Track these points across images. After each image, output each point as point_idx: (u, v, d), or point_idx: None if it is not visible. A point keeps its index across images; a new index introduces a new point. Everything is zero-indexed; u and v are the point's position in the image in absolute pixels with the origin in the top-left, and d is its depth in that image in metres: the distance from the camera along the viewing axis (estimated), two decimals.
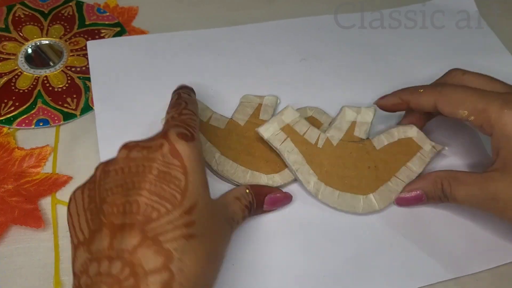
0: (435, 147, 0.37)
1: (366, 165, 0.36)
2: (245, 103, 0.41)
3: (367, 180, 0.36)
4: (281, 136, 0.36)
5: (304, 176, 0.36)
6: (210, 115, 0.39)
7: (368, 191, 0.36)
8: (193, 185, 0.26)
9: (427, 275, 0.34)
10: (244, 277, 0.33)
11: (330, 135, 0.37)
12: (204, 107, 0.40)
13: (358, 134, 0.37)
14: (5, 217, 0.34)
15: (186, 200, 0.25)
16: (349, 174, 0.36)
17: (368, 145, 0.37)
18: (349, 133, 0.37)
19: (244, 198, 0.33)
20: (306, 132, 0.36)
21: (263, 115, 0.40)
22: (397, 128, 0.38)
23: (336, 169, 0.36)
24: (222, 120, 0.39)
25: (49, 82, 0.42)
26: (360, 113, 0.38)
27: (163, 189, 0.25)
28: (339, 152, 0.36)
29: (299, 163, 0.36)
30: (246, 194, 0.33)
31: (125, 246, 0.24)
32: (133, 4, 0.49)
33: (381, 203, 0.36)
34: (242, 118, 0.39)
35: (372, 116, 0.38)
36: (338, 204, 0.35)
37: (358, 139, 0.37)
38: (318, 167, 0.36)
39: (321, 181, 0.36)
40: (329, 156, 0.36)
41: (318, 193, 0.35)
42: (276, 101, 0.41)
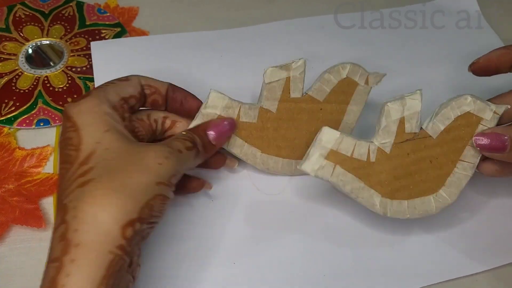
0: (497, 111, 0.33)
1: (428, 160, 0.33)
2: (272, 83, 0.35)
3: (432, 177, 0.33)
4: (329, 166, 0.31)
5: (367, 201, 0.32)
6: (238, 109, 0.34)
7: (436, 188, 0.33)
8: (88, 135, 0.28)
9: (427, 275, 0.34)
10: (245, 276, 0.33)
11: (381, 143, 0.32)
12: (229, 101, 0.34)
13: (410, 129, 0.32)
14: (6, 217, 0.34)
15: (81, 153, 0.27)
16: (413, 179, 0.33)
17: (424, 138, 0.33)
18: (400, 133, 0.32)
19: (181, 136, 0.31)
20: (354, 151, 0.32)
21: (293, 92, 0.35)
22: (451, 105, 0.33)
23: (398, 180, 0.32)
24: (252, 111, 0.35)
25: (50, 82, 0.42)
26: (405, 105, 0.32)
27: (62, 154, 0.28)
28: (396, 159, 0.32)
29: (357, 188, 0.32)
30: (183, 134, 0.31)
31: None
32: (133, 5, 0.50)
33: (453, 195, 0.33)
34: (272, 103, 0.35)
35: (420, 103, 0.32)
36: (410, 213, 0.32)
37: (412, 135, 0.33)
38: (379, 185, 0.32)
39: (386, 197, 0.32)
40: (387, 168, 0.32)
41: (386, 212, 0.32)
42: (304, 66, 0.35)
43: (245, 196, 0.37)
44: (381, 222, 0.36)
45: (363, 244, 0.35)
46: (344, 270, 0.34)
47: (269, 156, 0.36)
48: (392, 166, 0.32)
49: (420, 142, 0.33)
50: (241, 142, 0.35)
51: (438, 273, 0.34)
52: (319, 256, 0.34)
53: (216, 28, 0.48)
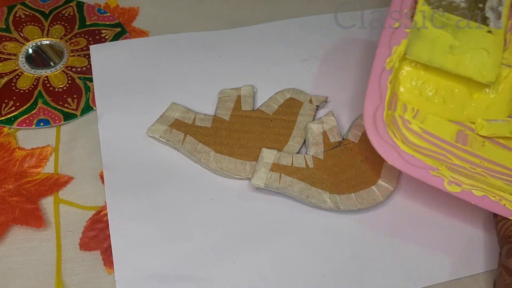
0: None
1: (358, 159, 0.38)
2: (224, 98, 0.41)
3: (367, 171, 0.37)
4: (275, 176, 0.36)
5: (316, 198, 0.36)
6: (194, 116, 0.40)
7: (374, 179, 0.37)
8: None
9: (427, 275, 0.34)
10: (245, 276, 0.33)
11: (314, 153, 0.38)
12: (185, 110, 0.40)
13: (333, 139, 0.39)
14: (6, 217, 0.34)
15: None
16: (351, 174, 0.37)
17: (348, 143, 0.39)
18: (327, 143, 0.38)
19: None
20: (293, 161, 0.37)
21: (244, 106, 0.41)
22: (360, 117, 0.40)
23: (338, 177, 0.37)
24: (207, 118, 0.40)
25: (50, 82, 0.42)
26: (323, 122, 0.39)
27: None
28: (331, 161, 0.38)
29: (304, 189, 0.36)
30: None
31: None
32: (133, 5, 0.50)
33: (392, 183, 0.37)
34: (225, 113, 0.40)
35: (335, 119, 0.40)
36: (360, 204, 0.36)
37: (337, 143, 0.38)
38: (323, 184, 0.36)
39: (334, 193, 0.36)
40: (325, 169, 0.37)
41: (338, 205, 0.36)
42: (252, 90, 0.42)
43: (245, 196, 0.37)
44: (381, 222, 0.36)
45: (363, 244, 0.35)
46: (344, 270, 0.34)
47: (223, 156, 0.38)
48: (329, 167, 0.37)
49: (346, 147, 0.38)
50: (196, 142, 0.38)
51: (438, 273, 0.34)
52: (319, 256, 0.34)
53: (216, 28, 0.48)
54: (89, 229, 0.35)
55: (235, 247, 0.34)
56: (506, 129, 0.36)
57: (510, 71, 0.37)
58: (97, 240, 0.34)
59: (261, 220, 0.36)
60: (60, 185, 0.36)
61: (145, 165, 0.38)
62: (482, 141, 0.36)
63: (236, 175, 0.37)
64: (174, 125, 0.39)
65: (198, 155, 0.38)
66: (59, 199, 0.36)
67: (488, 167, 0.35)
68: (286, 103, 0.41)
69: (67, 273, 0.33)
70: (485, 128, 0.36)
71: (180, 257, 0.34)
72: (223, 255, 0.34)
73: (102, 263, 0.33)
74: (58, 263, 0.33)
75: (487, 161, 0.36)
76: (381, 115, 0.33)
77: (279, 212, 0.36)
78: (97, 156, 0.38)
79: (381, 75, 0.34)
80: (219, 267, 0.33)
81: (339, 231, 0.35)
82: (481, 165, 0.35)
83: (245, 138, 0.39)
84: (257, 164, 0.37)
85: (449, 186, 0.31)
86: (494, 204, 0.31)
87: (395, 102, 0.36)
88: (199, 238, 0.34)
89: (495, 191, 0.32)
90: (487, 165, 0.35)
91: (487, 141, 0.36)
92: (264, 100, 0.42)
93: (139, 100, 0.41)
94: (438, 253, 0.35)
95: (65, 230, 0.35)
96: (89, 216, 0.35)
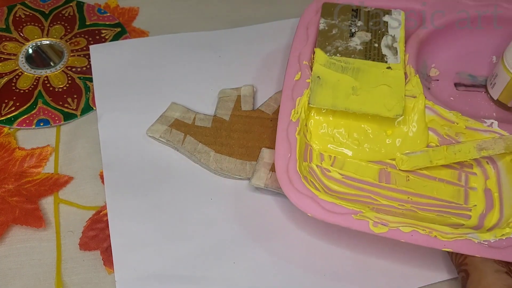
0: None
1: None
2: (224, 98, 0.41)
3: None
4: (275, 176, 0.36)
5: None
6: (194, 116, 0.40)
7: None
8: None
9: (427, 275, 0.34)
10: (245, 276, 0.33)
11: None
12: (185, 110, 0.40)
13: None
14: (6, 217, 0.34)
15: None
16: None
17: None
18: None
19: None
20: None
21: (244, 106, 0.41)
22: None
23: None
24: (207, 119, 0.40)
25: (50, 82, 0.42)
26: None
27: None
28: None
29: None
30: None
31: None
32: (133, 5, 0.50)
33: None
34: (225, 113, 0.40)
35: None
36: None
37: None
38: None
39: None
40: None
41: None
42: (252, 90, 0.42)
43: (245, 196, 0.37)
44: None
45: (363, 244, 0.35)
46: (344, 270, 0.34)
47: (222, 156, 0.38)
48: None
49: None
50: (196, 142, 0.38)
51: (438, 273, 0.34)
52: (319, 256, 0.34)
53: (216, 28, 0.48)
54: (89, 229, 0.35)
55: (235, 247, 0.34)
56: (426, 159, 0.36)
57: (416, 102, 0.36)
58: (97, 240, 0.34)
59: (261, 220, 0.36)
60: (60, 185, 0.36)
61: (145, 165, 0.38)
62: (406, 176, 0.36)
63: (236, 175, 0.37)
64: (174, 125, 0.39)
65: (198, 155, 0.38)
66: (59, 199, 0.36)
67: (416, 201, 0.35)
68: None
69: (67, 273, 0.33)
70: (405, 163, 0.36)
71: (180, 257, 0.34)
72: (223, 255, 0.34)
73: (102, 263, 0.33)
74: (58, 263, 0.33)
75: (415, 195, 0.35)
76: (293, 167, 0.32)
77: (279, 212, 0.36)
78: (97, 156, 0.38)
79: (288, 127, 0.34)
80: (219, 267, 0.33)
81: (339, 231, 0.35)
82: (410, 200, 0.35)
83: (245, 138, 0.39)
84: (257, 164, 0.37)
85: (375, 227, 0.31)
86: (424, 238, 0.30)
87: (310, 152, 0.36)
88: (199, 238, 0.34)
89: (424, 224, 0.31)
90: (415, 199, 0.35)
91: (411, 175, 0.36)
92: (264, 100, 0.42)
93: (139, 100, 0.41)
94: (438, 253, 0.35)
95: (65, 230, 0.35)
96: (89, 216, 0.35)
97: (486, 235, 0.31)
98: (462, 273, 0.31)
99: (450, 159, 0.35)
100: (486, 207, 0.35)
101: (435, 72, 0.42)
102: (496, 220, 0.33)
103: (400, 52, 0.38)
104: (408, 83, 0.37)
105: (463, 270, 0.31)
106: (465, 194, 0.35)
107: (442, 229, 0.31)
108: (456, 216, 0.34)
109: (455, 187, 0.36)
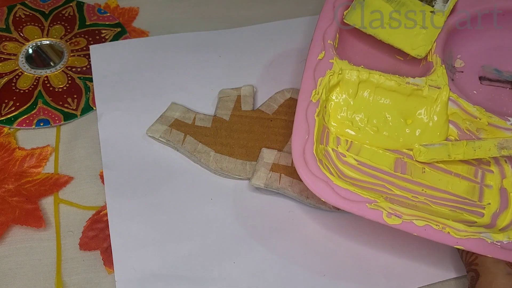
0: None
1: None
2: (224, 97, 0.41)
3: None
4: (275, 176, 0.36)
5: (316, 199, 0.35)
6: (194, 116, 0.40)
7: None
8: None
9: (427, 275, 0.34)
10: (245, 276, 0.33)
11: None
12: (185, 110, 0.40)
13: None
14: (6, 217, 0.34)
15: None
16: None
17: None
18: None
19: None
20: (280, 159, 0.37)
21: (244, 106, 0.41)
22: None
23: None
24: (207, 118, 0.40)
25: (50, 82, 0.42)
26: None
27: None
28: None
29: (304, 189, 0.36)
30: None
31: None
32: (133, 5, 0.50)
33: None
34: (225, 113, 0.40)
35: None
36: None
37: None
38: None
39: None
40: None
41: None
42: (252, 90, 0.42)
43: (245, 196, 0.37)
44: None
45: (363, 244, 0.35)
46: (344, 270, 0.34)
47: (223, 156, 0.38)
48: None
49: None
50: (196, 142, 0.38)
51: (438, 273, 0.34)
52: (319, 256, 0.34)
53: (216, 28, 0.48)
54: (89, 229, 0.35)
55: (235, 247, 0.34)
56: (444, 153, 0.35)
57: (439, 93, 0.36)
58: (97, 240, 0.34)
59: (261, 220, 0.36)
60: (60, 185, 0.36)
61: (145, 165, 0.38)
62: (422, 167, 0.36)
63: (236, 175, 0.37)
64: (174, 125, 0.39)
65: (198, 155, 0.38)
66: (59, 199, 0.36)
67: (430, 194, 0.34)
68: (286, 103, 0.41)
69: (67, 273, 0.33)
70: (423, 154, 0.35)
71: (180, 257, 0.34)
72: (223, 255, 0.34)
73: (102, 263, 0.33)
74: (58, 263, 0.33)
75: (429, 188, 0.35)
76: (310, 150, 0.32)
77: (279, 212, 0.36)
78: (97, 156, 0.38)
79: (307, 108, 0.33)
80: (219, 267, 0.33)
81: (339, 231, 0.35)
82: (423, 193, 0.34)
83: (245, 138, 0.39)
84: (257, 164, 0.37)
85: (389, 218, 0.30)
86: (437, 233, 0.30)
87: (327, 135, 0.35)
88: (199, 238, 0.34)
89: (438, 219, 0.31)
90: (429, 192, 0.34)
91: (427, 167, 0.36)
92: (264, 100, 0.42)
93: (139, 100, 0.41)
94: (438, 252, 0.35)
95: (65, 230, 0.35)
96: (89, 216, 0.35)
97: (500, 236, 0.30)
98: (472, 272, 0.31)
99: (469, 155, 0.35)
100: (500, 206, 0.34)
101: (460, 63, 0.41)
102: (509, 221, 0.33)
103: (451, 2, 0.37)
104: (433, 73, 0.37)
105: (473, 270, 0.30)
106: (480, 191, 0.35)
107: (455, 226, 0.30)
108: (469, 212, 0.34)
109: (470, 183, 0.35)
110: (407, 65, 0.39)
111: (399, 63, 0.39)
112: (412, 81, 0.36)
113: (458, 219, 0.32)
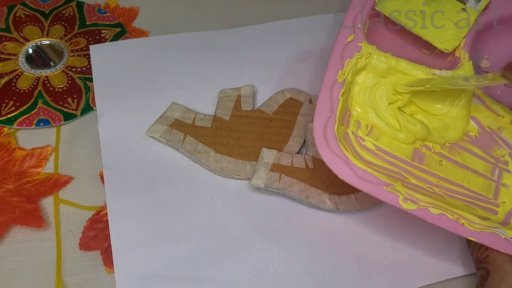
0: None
1: None
2: (224, 97, 0.41)
3: None
4: (275, 176, 0.36)
5: (316, 199, 0.36)
6: (194, 116, 0.40)
7: None
8: None
9: (427, 275, 0.34)
10: (245, 276, 0.33)
11: (314, 153, 0.38)
12: (185, 110, 0.40)
13: None
14: (6, 217, 0.34)
15: None
16: None
17: None
18: None
19: None
20: (293, 161, 0.37)
21: (244, 106, 0.41)
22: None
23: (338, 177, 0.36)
24: (207, 118, 0.40)
25: (50, 82, 0.42)
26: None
27: None
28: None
29: (304, 189, 0.36)
30: None
31: None
32: (133, 5, 0.50)
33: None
34: (225, 113, 0.40)
35: None
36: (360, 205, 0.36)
37: None
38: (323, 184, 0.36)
39: (333, 194, 0.36)
40: (325, 170, 0.35)
41: (338, 206, 0.36)
42: (252, 90, 0.42)
43: (245, 196, 0.37)
44: (381, 222, 0.36)
45: (363, 244, 0.35)
46: (344, 270, 0.34)
47: (223, 156, 0.38)
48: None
49: None
50: (196, 142, 0.38)
51: (438, 273, 0.34)
52: (319, 256, 0.34)
53: (216, 28, 0.48)
54: (89, 229, 0.35)
55: (235, 247, 0.34)
56: (422, 83, 0.35)
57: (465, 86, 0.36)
58: (97, 240, 0.34)
59: (261, 220, 0.36)
60: (60, 185, 0.37)
61: (145, 165, 0.38)
62: (440, 160, 0.36)
63: (236, 175, 0.37)
64: (174, 125, 0.39)
65: (198, 155, 0.38)
66: (59, 199, 0.36)
67: (446, 187, 0.34)
68: (286, 103, 0.41)
69: (67, 273, 0.33)
70: (403, 85, 0.35)
71: (180, 257, 0.34)
72: (223, 255, 0.34)
73: (102, 263, 0.33)
74: (58, 263, 0.33)
75: (445, 180, 0.35)
76: (331, 128, 0.32)
77: (279, 212, 0.36)
78: (97, 156, 0.38)
79: (332, 87, 0.33)
80: (219, 267, 0.33)
81: (339, 231, 0.35)
82: (439, 184, 0.34)
83: (245, 138, 0.39)
84: (257, 164, 0.37)
85: (405, 203, 0.30)
86: (451, 223, 0.30)
87: (348, 118, 0.35)
88: (199, 238, 0.34)
89: (453, 209, 0.31)
90: (445, 185, 0.34)
91: (445, 160, 0.36)
92: (264, 100, 0.42)
93: (139, 100, 0.41)
94: (438, 252, 0.35)
95: (65, 230, 0.35)
96: (89, 216, 0.35)
97: None
98: (482, 270, 0.31)
99: (442, 83, 0.35)
100: None
101: (486, 64, 0.41)
102: None
103: (483, 1, 0.38)
104: (460, 67, 0.37)
105: (483, 267, 0.30)
106: (496, 189, 0.35)
107: (470, 218, 0.31)
108: (483, 209, 0.34)
109: (486, 180, 0.36)
110: (433, 59, 0.39)
111: (425, 56, 0.39)
112: (438, 73, 0.36)
113: (472, 214, 0.32)
